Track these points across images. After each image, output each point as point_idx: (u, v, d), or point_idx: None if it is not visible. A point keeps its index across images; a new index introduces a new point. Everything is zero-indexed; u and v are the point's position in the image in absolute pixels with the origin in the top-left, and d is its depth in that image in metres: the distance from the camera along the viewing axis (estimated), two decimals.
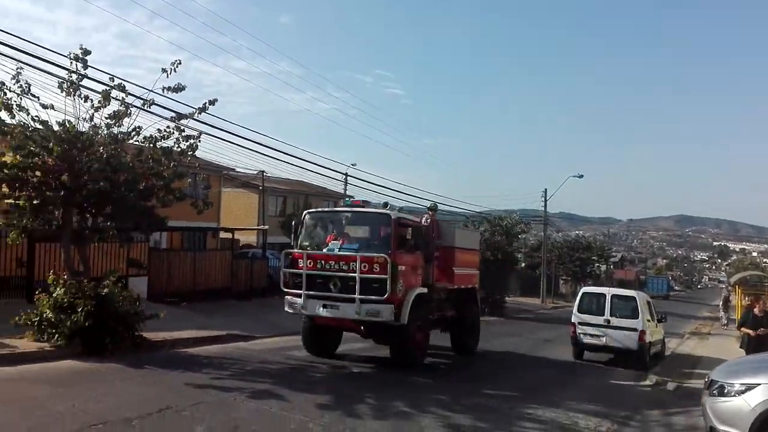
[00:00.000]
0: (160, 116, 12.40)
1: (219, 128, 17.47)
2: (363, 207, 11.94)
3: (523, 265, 49.64)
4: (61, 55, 11.52)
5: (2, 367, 8.85)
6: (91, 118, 11.29)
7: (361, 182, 33.57)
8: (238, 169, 31.72)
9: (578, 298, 16.42)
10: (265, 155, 22.23)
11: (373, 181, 30.39)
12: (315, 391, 8.65)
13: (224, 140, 18.64)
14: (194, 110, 11.97)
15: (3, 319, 10.88)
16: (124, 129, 11.45)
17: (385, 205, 12.25)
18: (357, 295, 10.40)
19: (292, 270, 11.45)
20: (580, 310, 15.77)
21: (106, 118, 11.35)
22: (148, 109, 11.81)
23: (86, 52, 11.21)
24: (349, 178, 34.19)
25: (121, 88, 11.42)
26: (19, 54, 11.84)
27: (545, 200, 44.35)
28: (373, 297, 10.36)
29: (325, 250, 11.11)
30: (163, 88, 11.46)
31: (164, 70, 11.26)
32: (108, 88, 11.41)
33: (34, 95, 10.88)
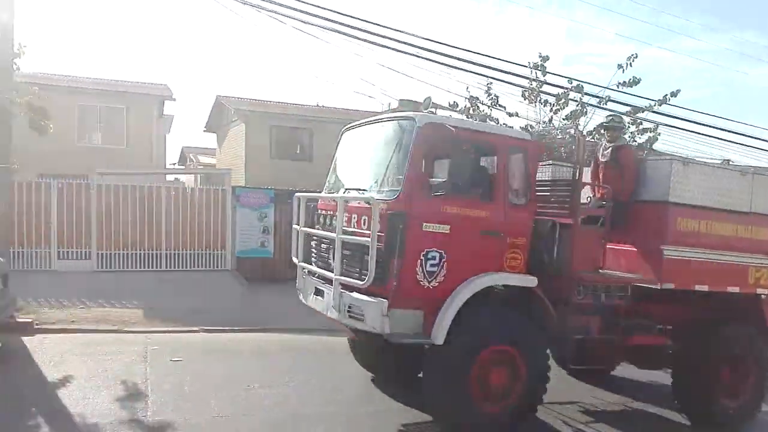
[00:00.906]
0: (614, 111, 12.32)
1: (674, 116, 16.32)
2: (398, 111, 6.07)
3: None
4: (519, 65, 12.37)
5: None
6: (550, 121, 12.02)
7: None
8: (702, 159, 29.02)
9: None
10: (727, 140, 19.60)
11: None
12: None
13: (679, 128, 17.34)
14: (653, 102, 11.52)
15: None
16: (580, 128, 11.81)
17: (427, 103, 6.03)
18: (335, 275, 5.73)
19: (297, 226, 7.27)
20: None
21: (564, 119, 11.91)
22: (604, 107, 11.89)
23: (545, 59, 11.92)
24: None
25: (579, 89, 11.79)
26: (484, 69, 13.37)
27: None
28: (354, 281, 5.57)
29: (336, 193, 6.47)
30: (618, 84, 11.42)
31: (620, 66, 11.20)
32: (565, 90, 11.92)
33: (501, 105, 12.23)
